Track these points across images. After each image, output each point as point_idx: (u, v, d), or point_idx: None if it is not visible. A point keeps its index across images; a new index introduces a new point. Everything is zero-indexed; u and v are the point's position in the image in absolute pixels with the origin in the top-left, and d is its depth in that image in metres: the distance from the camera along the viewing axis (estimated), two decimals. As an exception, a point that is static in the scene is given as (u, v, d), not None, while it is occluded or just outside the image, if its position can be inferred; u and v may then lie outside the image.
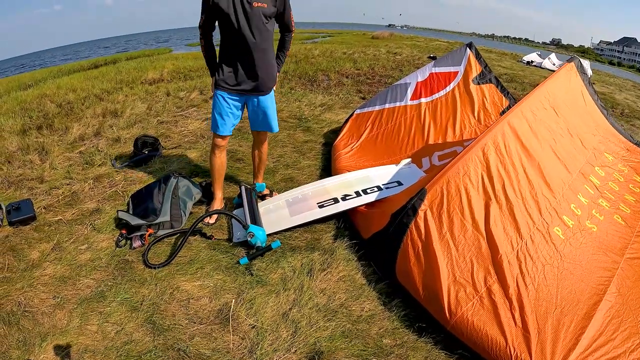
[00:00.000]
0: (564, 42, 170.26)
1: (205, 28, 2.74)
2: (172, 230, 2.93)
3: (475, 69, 4.60)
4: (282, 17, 2.83)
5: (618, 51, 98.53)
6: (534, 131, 2.84)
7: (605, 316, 2.00)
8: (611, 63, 75.73)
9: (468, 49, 4.70)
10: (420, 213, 2.41)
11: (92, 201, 3.46)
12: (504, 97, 4.55)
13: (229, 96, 2.85)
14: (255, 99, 2.93)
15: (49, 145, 4.72)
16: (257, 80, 2.82)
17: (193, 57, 12.65)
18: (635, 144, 3.75)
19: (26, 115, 6.21)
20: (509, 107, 4.43)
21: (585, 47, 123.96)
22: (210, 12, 2.63)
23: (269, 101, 3.00)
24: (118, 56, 17.42)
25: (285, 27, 2.92)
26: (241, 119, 3.05)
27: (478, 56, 4.68)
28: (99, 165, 4.16)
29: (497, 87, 4.59)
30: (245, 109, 3.04)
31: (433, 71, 4.66)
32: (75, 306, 2.33)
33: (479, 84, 4.55)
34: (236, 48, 2.71)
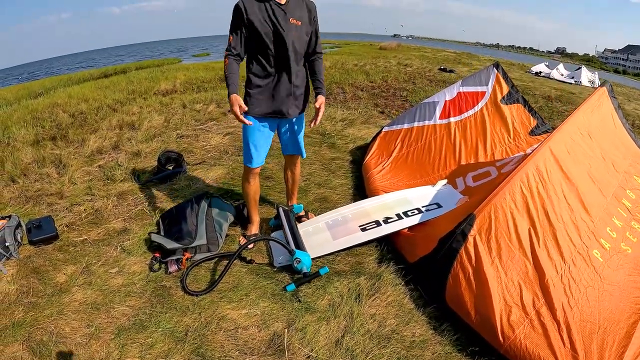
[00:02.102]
0: (569, 50, 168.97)
1: (235, 49, 2.48)
2: (210, 254, 2.79)
3: (503, 89, 4.58)
4: (313, 36, 2.64)
5: (623, 59, 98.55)
6: (572, 156, 2.93)
7: None
8: (616, 71, 75.71)
9: (495, 69, 4.68)
10: (470, 238, 2.38)
11: (117, 220, 3.33)
12: (531, 117, 4.55)
13: (262, 123, 2.66)
14: (289, 122, 2.78)
15: (65, 158, 4.60)
16: (294, 102, 2.64)
17: (204, 67, 12.60)
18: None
19: (38, 125, 6.14)
20: (537, 127, 4.48)
21: (590, 55, 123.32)
22: (239, 30, 2.44)
23: (300, 124, 2.85)
24: (128, 65, 17.38)
25: (315, 48, 2.70)
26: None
27: (505, 76, 4.66)
28: (121, 181, 4.03)
29: (524, 106, 4.59)
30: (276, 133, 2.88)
31: (461, 90, 4.61)
32: (113, 336, 2.18)
33: (507, 104, 4.53)
34: (272, 68, 2.51)
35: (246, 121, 2.46)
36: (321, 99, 2.62)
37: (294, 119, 2.79)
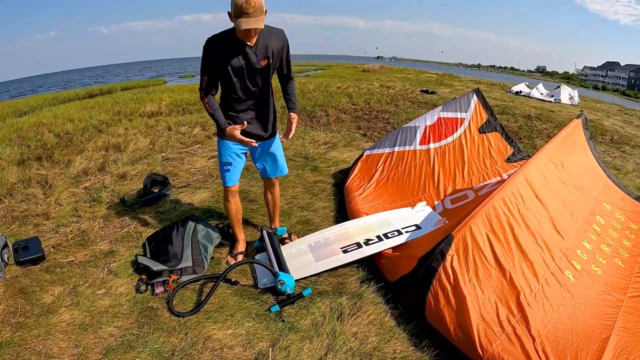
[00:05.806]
0: (549, 69, 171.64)
1: (207, 89, 2.64)
2: (196, 275, 2.86)
3: (482, 117, 4.79)
4: (284, 66, 2.78)
5: (602, 76, 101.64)
6: (545, 183, 3.15)
7: (615, 349, 2.17)
8: (595, 88, 77.81)
9: (475, 95, 4.88)
10: (448, 257, 2.50)
11: (103, 242, 3.37)
12: (508, 145, 4.76)
13: (235, 146, 2.84)
14: (262, 146, 2.93)
15: (51, 179, 4.62)
16: (264, 128, 2.83)
17: (189, 89, 12.69)
18: (628, 194, 4.10)
19: (24, 144, 6.13)
20: (513, 154, 4.69)
21: (570, 73, 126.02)
22: (212, 72, 2.58)
23: (276, 144, 3.01)
24: (113, 86, 17.40)
25: (287, 77, 2.87)
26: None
27: (485, 104, 4.87)
28: (107, 203, 4.08)
29: (502, 135, 4.82)
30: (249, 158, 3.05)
31: (441, 116, 4.79)
32: (101, 356, 2.22)
33: (485, 132, 4.74)
34: (241, 102, 2.70)
35: (253, 142, 2.67)
36: (294, 115, 2.84)
37: (266, 143, 2.94)
